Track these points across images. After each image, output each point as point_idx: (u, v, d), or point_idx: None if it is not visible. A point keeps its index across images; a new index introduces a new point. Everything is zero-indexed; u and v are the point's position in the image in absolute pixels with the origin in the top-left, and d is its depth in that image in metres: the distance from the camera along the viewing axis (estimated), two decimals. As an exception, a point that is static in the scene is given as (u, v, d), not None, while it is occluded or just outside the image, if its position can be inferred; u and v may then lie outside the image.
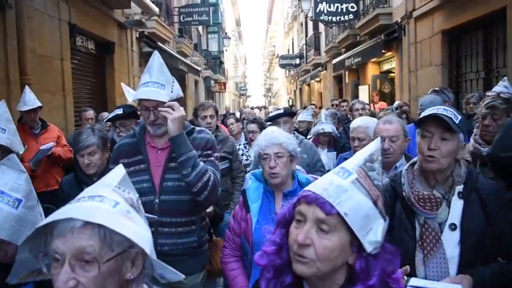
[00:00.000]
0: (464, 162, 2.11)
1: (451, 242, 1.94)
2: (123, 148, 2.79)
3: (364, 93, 14.01)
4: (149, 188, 2.67)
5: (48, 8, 6.49)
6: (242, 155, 5.09)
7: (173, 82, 2.66)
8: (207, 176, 2.59)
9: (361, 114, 6.27)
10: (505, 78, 5.54)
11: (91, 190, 1.19)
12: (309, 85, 28.12)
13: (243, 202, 2.65)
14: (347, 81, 17.06)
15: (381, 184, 1.32)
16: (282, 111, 4.61)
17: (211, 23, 16.93)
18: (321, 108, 15.39)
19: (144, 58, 11.74)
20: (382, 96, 12.65)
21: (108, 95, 9.25)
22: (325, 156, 4.84)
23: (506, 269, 1.94)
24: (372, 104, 11.00)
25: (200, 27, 22.02)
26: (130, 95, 3.90)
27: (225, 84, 31.12)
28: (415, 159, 2.12)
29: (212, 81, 27.25)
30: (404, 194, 2.05)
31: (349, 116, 7.04)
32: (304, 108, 13.44)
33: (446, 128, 1.95)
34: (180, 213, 2.67)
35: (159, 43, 11.90)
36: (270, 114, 4.43)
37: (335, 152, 5.02)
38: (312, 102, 21.66)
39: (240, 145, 5.26)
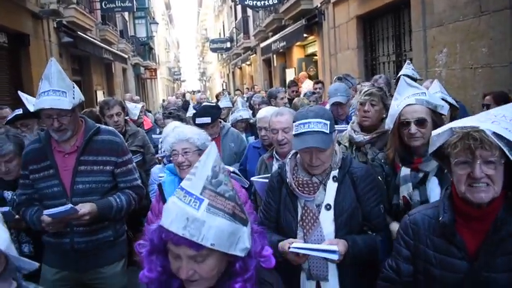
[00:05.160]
0: (340, 149, 2.37)
1: (326, 220, 2.21)
2: (31, 154, 2.82)
3: (291, 76, 14.33)
4: (60, 191, 2.75)
5: None
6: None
7: (73, 88, 2.72)
8: (133, 202, 2.92)
9: (285, 103, 6.41)
10: (409, 61, 5.99)
11: None
12: (240, 68, 28.22)
13: (160, 195, 2.79)
14: (275, 64, 17.36)
15: (232, 193, 1.40)
16: (209, 120, 4.20)
17: (135, 9, 16.46)
18: (253, 89, 15.56)
19: (65, 49, 11.25)
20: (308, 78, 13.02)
21: (25, 90, 8.78)
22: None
23: (373, 237, 2.26)
24: (299, 84, 11.25)
25: (126, 13, 21.29)
26: (30, 104, 3.72)
27: (155, 70, 30.43)
28: None
29: (142, 68, 26.54)
30: (287, 180, 2.29)
31: (272, 103, 6.56)
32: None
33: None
34: None
35: (79, 32, 11.46)
36: (197, 121, 4.12)
37: (253, 136, 5.11)
38: (245, 86, 21.83)
39: None
